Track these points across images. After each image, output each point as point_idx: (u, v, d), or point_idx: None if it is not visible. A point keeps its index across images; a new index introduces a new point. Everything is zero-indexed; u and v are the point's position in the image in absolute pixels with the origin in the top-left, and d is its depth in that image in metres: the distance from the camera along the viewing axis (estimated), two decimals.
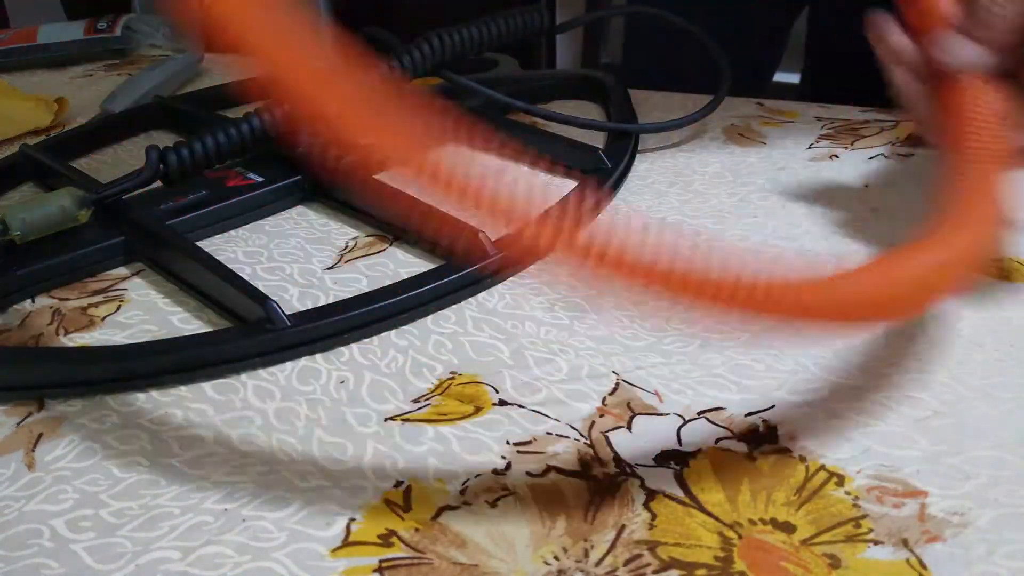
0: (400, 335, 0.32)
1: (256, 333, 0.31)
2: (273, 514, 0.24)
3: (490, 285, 0.35)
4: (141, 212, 0.38)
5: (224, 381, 0.30)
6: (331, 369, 0.31)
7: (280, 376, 0.30)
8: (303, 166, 0.43)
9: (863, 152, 0.48)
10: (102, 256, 0.38)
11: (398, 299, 0.33)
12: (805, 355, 0.30)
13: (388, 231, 0.40)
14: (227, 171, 0.43)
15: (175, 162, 0.39)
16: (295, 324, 0.31)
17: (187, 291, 0.35)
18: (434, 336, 0.32)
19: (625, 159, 0.45)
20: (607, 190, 0.43)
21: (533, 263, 0.33)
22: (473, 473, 0.26)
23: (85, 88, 0.70)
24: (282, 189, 0.43)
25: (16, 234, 0.35)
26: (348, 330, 0.32)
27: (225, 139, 0.41)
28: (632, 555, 0.22)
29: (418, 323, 0.33)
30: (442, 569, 0.22)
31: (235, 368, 0.30)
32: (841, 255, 0.37)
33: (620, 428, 0.27)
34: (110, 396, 0.30)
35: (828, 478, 0.25)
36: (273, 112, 0.42)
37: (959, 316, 0.32)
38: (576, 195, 0.39)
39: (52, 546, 0.24)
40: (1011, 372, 0.29)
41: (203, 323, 0.34)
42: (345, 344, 0.32)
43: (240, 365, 0.30)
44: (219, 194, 0.41)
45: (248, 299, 0.32)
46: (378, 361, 0.31)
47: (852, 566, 0.22)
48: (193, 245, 0.36)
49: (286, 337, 0.31)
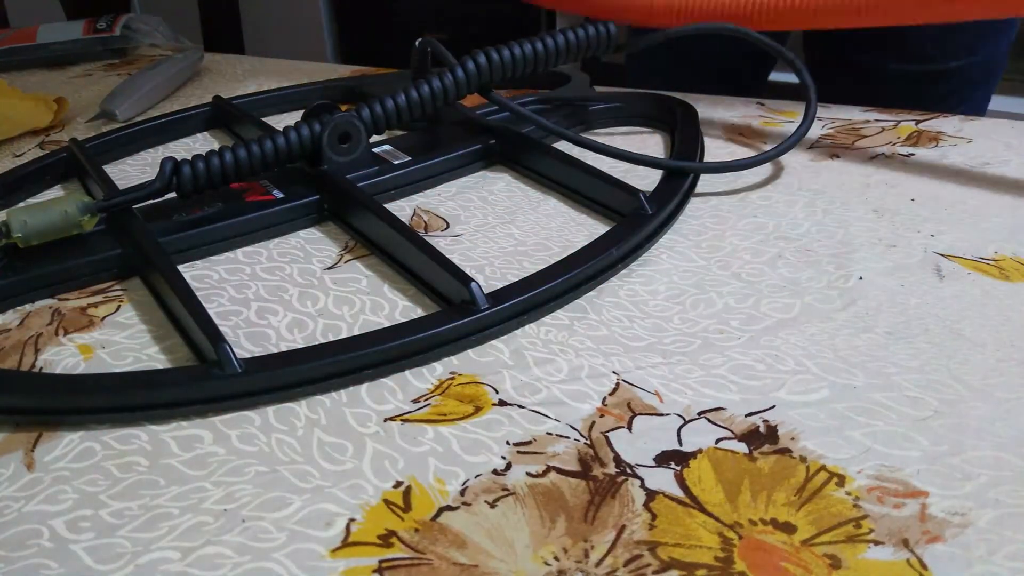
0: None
1: (208, 379, 0.29)
2: (273, 514, 0.24)
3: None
4: (141, 225, 0.37)
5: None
6: None
7: None
8: (323, 185, 0.41)
9: (863, 152, 0.48)
10: (98, 268, 0.37)
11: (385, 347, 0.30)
12: (805, 355, 0.30)
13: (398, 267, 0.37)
14: (252, 184, 0.42)
15: (189, 175, 0.38)
16: (249, 371, 0.29)
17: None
18: None
19: (672, 204, 0.40)
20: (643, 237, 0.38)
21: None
22: (473, 473, 0.26)
23: (85, 88, 0.70)
24: (299, 208, 0.41)
25: (18, 236, 0.35)
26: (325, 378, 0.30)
27: (245, 155, 0.39)
28: (632, 555, 0.22)
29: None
30: (442, 569, 0.22)
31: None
32: (841, 255, 0.37)
33: (620, 428, 0.27)
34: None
35: (828, 478, 0.25)
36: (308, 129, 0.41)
37: (959, 316, 0.32)
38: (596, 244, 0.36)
39: (52, 546, 0.24)
40: (1011, 372, 0.29)
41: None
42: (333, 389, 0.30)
43: (212, 407, 0.29)
44: (233, 209, 0.40)
45: (206, 340, 0.30)
46: None
47: (852, 566, 0.22)
48: (173, 268, 0.34)
49: (237, 386, 0.29)
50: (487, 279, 0.36)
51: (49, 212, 0.36)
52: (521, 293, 0.32)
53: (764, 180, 0.45)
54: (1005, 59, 0.69)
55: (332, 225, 0.41)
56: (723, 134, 0.51)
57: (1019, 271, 0.35)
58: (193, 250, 0.38)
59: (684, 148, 0.46)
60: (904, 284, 0.34)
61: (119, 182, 0.46)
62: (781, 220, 0.40)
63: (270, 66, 0.74)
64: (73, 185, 0.49)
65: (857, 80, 0.68)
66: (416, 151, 0.46)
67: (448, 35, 2.00)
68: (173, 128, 0.55)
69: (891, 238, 0.38)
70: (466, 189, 0.45)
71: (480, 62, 0.43)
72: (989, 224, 0.39)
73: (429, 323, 0.31)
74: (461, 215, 0.42)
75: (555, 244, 0.39)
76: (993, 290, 0.34)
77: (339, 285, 0.36)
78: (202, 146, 0.55)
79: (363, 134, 0.43)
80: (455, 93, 0.43)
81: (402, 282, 0.36)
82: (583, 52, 0.46)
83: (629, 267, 0.37)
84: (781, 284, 0.35)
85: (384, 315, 0.34)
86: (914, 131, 0.51)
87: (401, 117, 0.43)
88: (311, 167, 0.42)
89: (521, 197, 0.44)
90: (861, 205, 0.41)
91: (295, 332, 0.33)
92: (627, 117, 0.53)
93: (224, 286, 0.36)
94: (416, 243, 0.35)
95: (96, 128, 0.57)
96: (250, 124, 0.52)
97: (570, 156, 0.44)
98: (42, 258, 0.36)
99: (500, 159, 0.48)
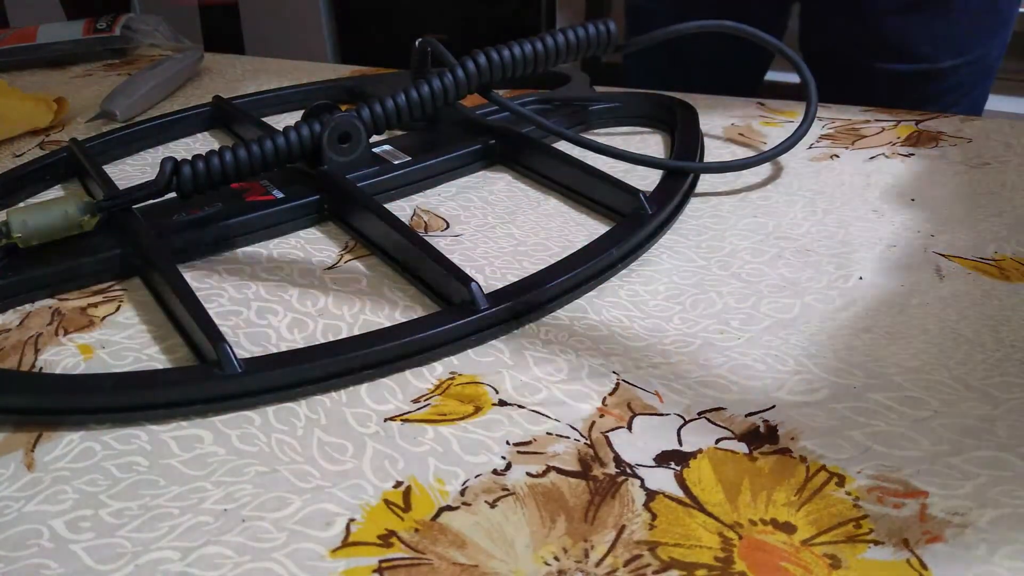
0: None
1: (208, 379, 0.29)
2: (273, 514, 0.24)
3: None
4: (141, 225, 0.37)
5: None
6: None
7: None
8: (324, 185, 0.41)
9: (863, 152, 0.48)
10: (99, 268, 0.37)
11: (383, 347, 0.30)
12: (805, 355, 0.30)
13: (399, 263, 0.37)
14: (252, 184, 0.42)
15: (188, 175, 0.38)
16: (249, 371, 0.29)
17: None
18: None
19: (672, 204, 0.40)
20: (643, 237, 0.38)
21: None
22: (473, 473, 0.26)
23: (84, 88, 0.70)
24: (299, 208, 0.41)
25: (18, 236, 0.35)
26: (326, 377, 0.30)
27: (245, 155, 0.39)
28: (632, 555, 0.22)
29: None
30: (442, 569, 0.22)
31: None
32: (841, 255, 0.37)
33: (620, 428, 0.27)
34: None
35: (828, 478, 0.25)
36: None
37: (959, 316, 0.32)
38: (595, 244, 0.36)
39: (52, 546, 0.24)
40: (1011, 372, 0.29)
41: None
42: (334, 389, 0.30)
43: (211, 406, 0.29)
44: (233, 209, 0.40)
45: (206, 340, 0.30)
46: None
47: (852, 566, 0.22)
48: (173, 268, 0.34)
49: (237, 386, 0.29)
50: (487, 279, 0.36)
51: (49, 212, 0.36)
52: (521, 293, 0.33)
53: (764, 180, 0.45)
54: (999, 59, 0.69)
55: (332, 225, 0.41)
56: (723, 134, 0.51)
57: (1019, 271, 0.35)
58: (193, 250, 0.38)
59: (684, 148, 0.46)
60: (904, 284, 0.34)
61: (119, 182, 0.46)
62: (781, 220, 0.40)
63: (270, 66, 0.74)
64: (73, 185, 0.49)
65: (850, 79, 0.68)
66: (416, 151, 0.46)
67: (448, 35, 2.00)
68: (173, 128, 0.55)
69: (891, 238, 0.38)
70: (466, 189, 0.45)
71: (480, 62, 0.43)
72: (989, 224, 0.39)
73: (429, 323, 0.31)
74: (461, 215, 0.42)
75: (555, 244, 0.39)
76: (993, 290, 0.34)
77: (339, 285, 0.36)
78: (202, 146, 0.55)
79: (363, 134, 0.43)
80: (455, 93, 0.43)
81: (402, 282, 0.36)
82: (583, 52, 0.46)
83: (629, 267, 0.37)
84: (781, 284, 0.35)
85: (384, 315, 0.34)
86: (914, 131, 0.51)
87: (401, 117, 0.43)
88: (311, 167, 0.42)
89: (521, 197, 0.44)
90: (861, 205, 0.41)
91: (295, 332, 0.33)
92: (627, 117, 0.53)
93: (224, 286, 0.36)
94: (416, 243, 0.35)
95: (96, 128, 0.57)
96: (250, 124, 0.52)
97: (570, 156, 0.44)
98: (42, 258, 0.36)
99: (500, 159, 0.48)
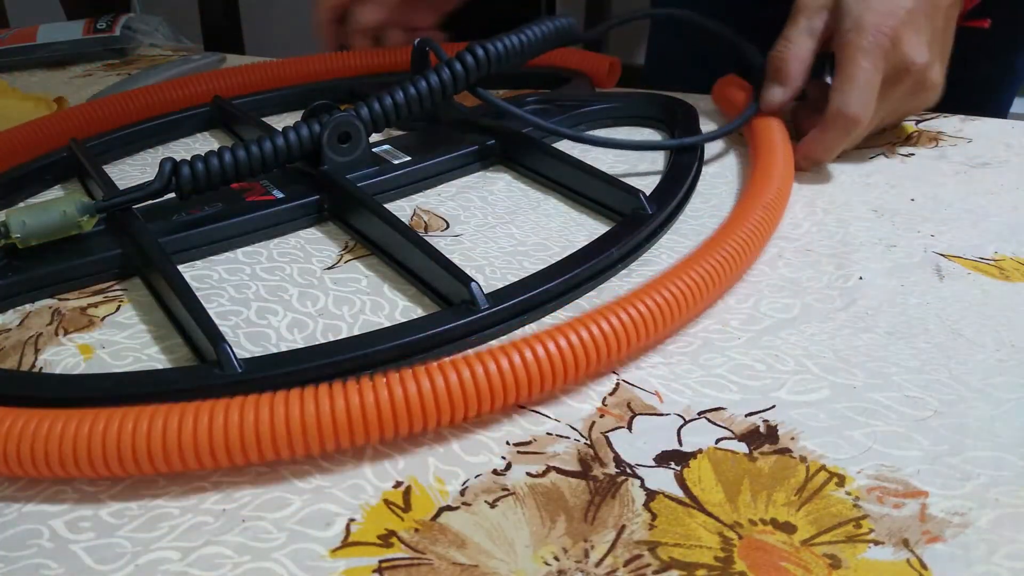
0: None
1: (208, 379, 0.29)
2: (273, 514, 0.24)
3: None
4: (141, 225, 0.37)
5: None
6: None
7: None
8: (324, 185, 0.41)
9: (863, 152, 0.48)
10: (99, 268, 0.37)
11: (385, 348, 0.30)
12: (805, 355, 0.30)
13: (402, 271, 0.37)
14: (252, 184, 0.42)
15: (188, 176, 0.38)
16: (249, 371, 0.29)
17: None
18: None
19: (672, 204, 0.40)
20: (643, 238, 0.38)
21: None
22: (473, 473, 0.26)
23: (84, 88, 0.70)
24: (299, 208, 0.41)
25: (16, 237, 0.35)
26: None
27: (245, 155, 0.39)
28: (632, 555, 0.22)
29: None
30: (442, 569, 0.22)
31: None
32: (841, 255, 0.37)
33: (620, 428, 0.27)
34: None
35: (828, 478, 0.25)
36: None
37: (959, 316, 0.32)
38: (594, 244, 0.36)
39: (52, 546, 0.23)
40: (1011, 372, 0.29)
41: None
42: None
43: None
44: (233, 209, 0.40)
45: (206, 340, 0.30)
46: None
47: (853, 566, 0.22)
48: (173, 268, 0.34)
49: (237, 386, 0.28)
50: (487, 279, 0.36)
51: (49, 212, 0.36)
52: (521, 293, 0.32)
53: None
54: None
55: (332, 225, 0.41)
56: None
57: (1019, 271, 0.35)
58: (193, 250, 0.38)
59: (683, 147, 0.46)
60: (904, 284, 0.34)
61: (119, 182, 0.46)
62: (781, 220, 0.40)
63: None
64: (73, 185, 0.49)
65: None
66: (416, 151, 0.46)
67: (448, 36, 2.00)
68: (173, 128, 0.55)
69: (891, 238, 0.38)
70: (466, 189, 0.45)
71: (477, 53, 0.43)
72: (989, 224, 0.39)
73: (429, 323, 0.31)
74: (461, 215, 0.42)
75: (555, 244, 0.39)
76: (993, 290, 0.34)
77: (339, 285, 0.36)
78: (202, 146, 0.55)
79: (363, 134, 0.43)
80: (452, 87, 0.43)
81: (402, 282, 0.36)
82: (557, 42, 0.48)
83: (629, 267, 0.37)
84: (781, 284, 0.35)
85: (384, 315, 0.34)
86: (914, 131, 0.51)
87: (400, 114, 0.43)
88: (311, 167, 0.42)
89: (521, 197, 0.44)
90: (861, 205, 0.41)
91: (295, 332, 0.33)
92: (627, 117, 0.54)
93: (224, 286, 0.36)
94: (416, 243, 0.35)
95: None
96: (250, 124, 0.52)
97: (570, 156, 0.44)
98: (42, 258, 0.36)
99: (500, 159, 0.48)
